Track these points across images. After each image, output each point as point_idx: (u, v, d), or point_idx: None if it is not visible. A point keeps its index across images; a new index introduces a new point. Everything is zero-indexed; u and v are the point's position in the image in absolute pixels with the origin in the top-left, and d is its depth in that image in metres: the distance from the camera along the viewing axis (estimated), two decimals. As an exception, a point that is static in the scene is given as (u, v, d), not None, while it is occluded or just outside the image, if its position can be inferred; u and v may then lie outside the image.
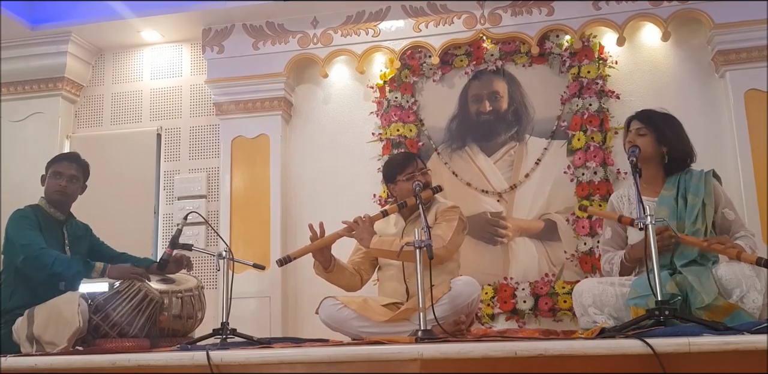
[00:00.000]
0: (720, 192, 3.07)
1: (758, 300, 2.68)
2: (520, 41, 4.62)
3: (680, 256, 2.91)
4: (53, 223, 3.52)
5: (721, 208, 3.02)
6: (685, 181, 3.05)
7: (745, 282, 2.71)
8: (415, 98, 4.76)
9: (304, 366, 2.13)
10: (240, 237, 4.73)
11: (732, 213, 3.03)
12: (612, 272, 3.11)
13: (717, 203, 3.03)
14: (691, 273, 2.79)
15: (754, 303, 2.68)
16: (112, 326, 3.18)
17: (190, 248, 3.47)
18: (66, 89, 5.19)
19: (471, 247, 4.37)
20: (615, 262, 3.10)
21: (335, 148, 4.86)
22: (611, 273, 3.12)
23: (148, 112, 5.25)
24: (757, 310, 2.69)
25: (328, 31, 4.86)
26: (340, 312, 3.27)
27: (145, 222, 4.98)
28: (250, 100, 4.90)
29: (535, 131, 4.56)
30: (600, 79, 4.47)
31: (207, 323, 3.53)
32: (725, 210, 3.03)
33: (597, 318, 2.90)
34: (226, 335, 3.06)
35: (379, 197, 4.60)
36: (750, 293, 2.70)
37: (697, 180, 3.04)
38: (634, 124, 3.17)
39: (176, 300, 3.33)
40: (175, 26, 5.07)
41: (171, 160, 5.12)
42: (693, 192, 2.99)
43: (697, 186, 3.02)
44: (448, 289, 3.13)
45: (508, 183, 4.54)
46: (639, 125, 3.14)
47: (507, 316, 4.32)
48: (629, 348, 1.96)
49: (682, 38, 4.48)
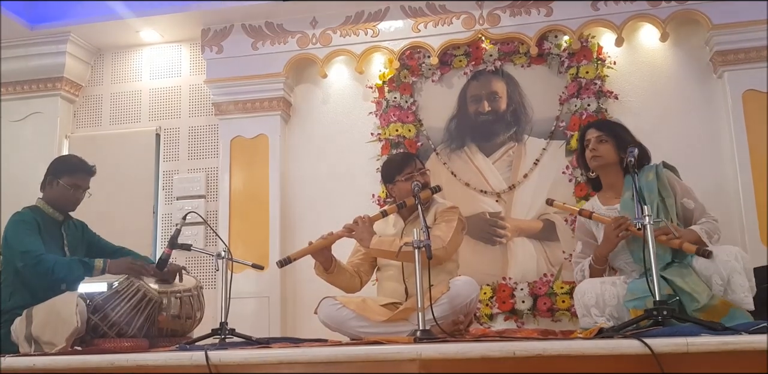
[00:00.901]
0: (675, 183, 3.11)
1: (744, 282, 2.70)
2: (519, 42, 4.63)
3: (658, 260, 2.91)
4: (52, 224, 3.52)
5: (679, 199, 3.06)
6: (639, 178, 3.06)
7: (722, 267, 2.73)
8: (414, 98, 4.76)
9: (302, 366, 2.13)
10: (239, 238, 4.73)
11: (691, 202, 3.07)
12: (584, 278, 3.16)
13: (674, 193, 3.07)
14: (676, 276, 2.80)
15: (742, 287, 2.69)
16: (110, 326, 3.18)
17: (189, 248, 3.47)
18: (65, 89, 5.19)
19: (470, 247, 4.37)
20: (585, 268, 3.17)
21: (334, 148, 4.86)
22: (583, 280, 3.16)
23: (147, 112, 5.25)
24: (749, 292, 2.69)
25: (327, 32, 4.86)
26: (338, 312, 3.27)
27: (144, 222, 4.98)
28: (249, 100, 4.90)
29: (534, 131, 4.57)
30: (598, 79, 4.47)
31: (206, 323, 3.53)
32: (684, 199, 3.07)
33: (598, 319, 2.91)
34: (225, 335, 3.06)
35: (378, 197, 4.60)
36: (734, 277, 2.71)
37: (649, 174, 3.09)
38: (592, 133, 3.25)
39: (175, 300, 3.33)
40: (174, 26, 5.07)
41: (170, 160, 5.12)
42: (647, 190, 3.03)
43: (650, 180, 3.06)
44: (446, 289, 3.13)
45: (507, 183, 4.54)
46: (598, 133, 3.23)
47: (505, 316, 4.32)
48: (627, 348, 1.97)
49: (680, 39, 4.49)
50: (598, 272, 3.14)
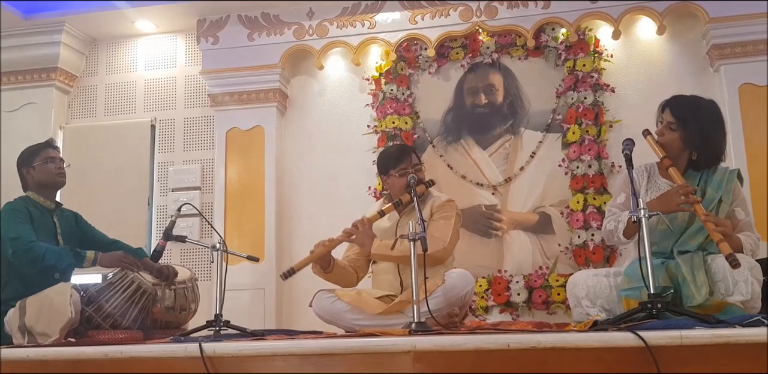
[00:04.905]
0: (739, 193, 3.00)
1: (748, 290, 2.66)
2: (516, 34, 4.61)
3: (682, 244, 2.89)
4: (44, 212, 3.51)
5: (733, 206, 2.98)
6: (707, 175, 2.97)
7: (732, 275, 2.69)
8: (410, 90, 4.75)
9: (297, 358, 2.13)
10: (234, 229, 4.72)
11: (742, 213, 2.95)
12: (616, 230, 2.94)
13: (732, 201, 2.97)
14: (686, 263, 2.77)
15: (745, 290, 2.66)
16: (105, 317, 3.17)
17: (184, 240, 3.45)
18: (59, 79, 5.17)
19: (465, 240, 4.36)
20: (623, 220, 2.92)
21: (330, 140, 4.85)
22: (614, 231, 2.95)
23: (142, 103, 5.23)
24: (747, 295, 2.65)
25: (323, 23, 4.84)
26: (333, 305, 3.26)
27: (138, 214, 4.97)
28: (245, 91, 4.89)
29: (531, 124, 4.56)
30: (595, 72, 4.47)
31: (201, 315, 3.52)
32: (737, 208, 2.95)
33: (590, 311, 2.90)
34: (220, 327, 3.06)
35: (374, 189, 4.60)
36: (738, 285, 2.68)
37: (720, 176, 2.97)
38: (667, 116, 2.98)
39: (169, 292, 3.33)
40: (170, 17, 5.04)
41: (165, 151, 5.11)
42: (713, 187, 2.93)
43: (720, 181, 2.94)
44: (442, 282, 3.13)
45: (503, 176, 4.54)
46: (671, 119, 2.96)
47: (501, 309, 4.33)
48: (622, 340, 1.97)
49: (677, 32, 4.48)
50: (634, 230, 2.82)
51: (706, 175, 2.98)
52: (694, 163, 3.00)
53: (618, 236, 2.95)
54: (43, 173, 3.52)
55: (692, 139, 2.93)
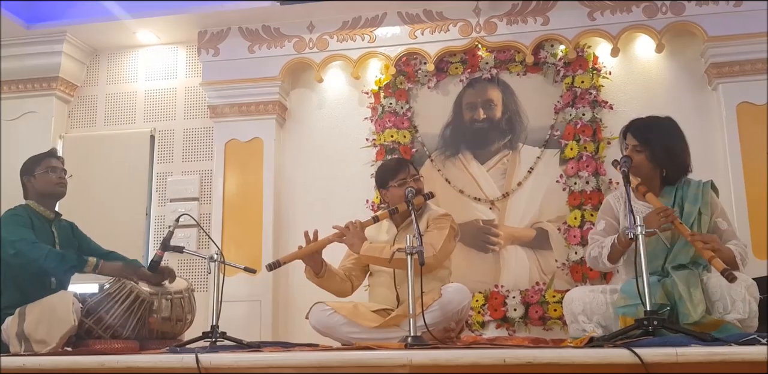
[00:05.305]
0: (716, 203, 3.08)
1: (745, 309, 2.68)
2: (515, 50, 4.64)
3: (673, 260, 2.92)
4: (44, 222, 3.52)
5: (714, 218, 3.04)
6: (682, 190, 3.06)
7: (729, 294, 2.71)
8: (409, 104, 4.77)
9: (293, 371, 2.13)
10: (232, 241, 4.72)
11: (724, 223, 3.04)
12: (600, 256, 3.04)
13: (712, 213, 3.04)
14: (681, 280, 2.79)
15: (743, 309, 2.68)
16: (105, 329, 3.17)
17: (181, 250, 3.46)
18: (60, 89, 5.18)
19: (462, 255, 4.37)
20: (606, 245, 3.03)
21: (329, 153, 4.86)
22: (599, 257, 3.04)
23: (142, 114, 5.24)
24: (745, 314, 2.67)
25: (323, 36, 4.87)
26: (330, 317, 3.26)
27: (136, 224, 4.96)
28: (244, 103, 4.90)
29: (529, 140, 4.58)
30: (593, 89, 4.49)
31: (197, 326, 3.52)
32: (718, 219, 3.04)
33: (586, 327, 2.91)
34: (216, 338, 3.05)
35: (372, 202, 4.61)
36: (736, 304, 2.70)
37: (695, 189, 3.05)
38: (630, 140, 3.12)
39: (166, 302, 3.33)
40: (171, 28, 5.07)
41: (164, 161, 5.12)
42: (690, 202, 3.01)
43: (695, 195, 3.03)
44: (438, 296, 3.14)
45: (501, 191, 4.55)
46: (635, 142, 3.10)
47: (497, 324, 4.33)
48: (617, 357, 1.97)
49: (675, 50, 4.51)
50: (618, 255, 3.01)
51: (681, 190, 3.06)
52: (666, 179, 3.10)
53: (603, 262, 3.05)
54: (44, 182, 3.53)
55: (658, 155, 3.06)
